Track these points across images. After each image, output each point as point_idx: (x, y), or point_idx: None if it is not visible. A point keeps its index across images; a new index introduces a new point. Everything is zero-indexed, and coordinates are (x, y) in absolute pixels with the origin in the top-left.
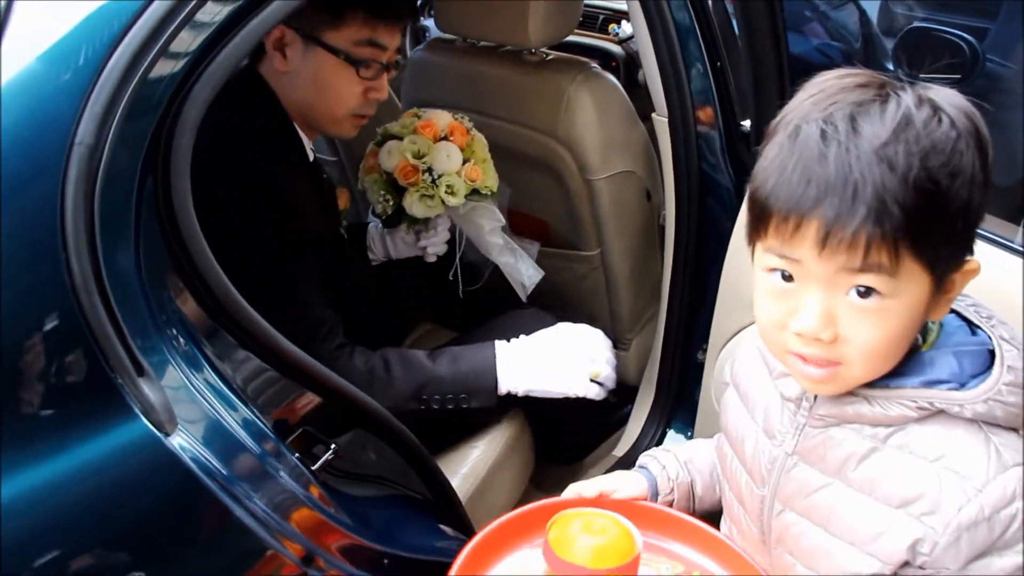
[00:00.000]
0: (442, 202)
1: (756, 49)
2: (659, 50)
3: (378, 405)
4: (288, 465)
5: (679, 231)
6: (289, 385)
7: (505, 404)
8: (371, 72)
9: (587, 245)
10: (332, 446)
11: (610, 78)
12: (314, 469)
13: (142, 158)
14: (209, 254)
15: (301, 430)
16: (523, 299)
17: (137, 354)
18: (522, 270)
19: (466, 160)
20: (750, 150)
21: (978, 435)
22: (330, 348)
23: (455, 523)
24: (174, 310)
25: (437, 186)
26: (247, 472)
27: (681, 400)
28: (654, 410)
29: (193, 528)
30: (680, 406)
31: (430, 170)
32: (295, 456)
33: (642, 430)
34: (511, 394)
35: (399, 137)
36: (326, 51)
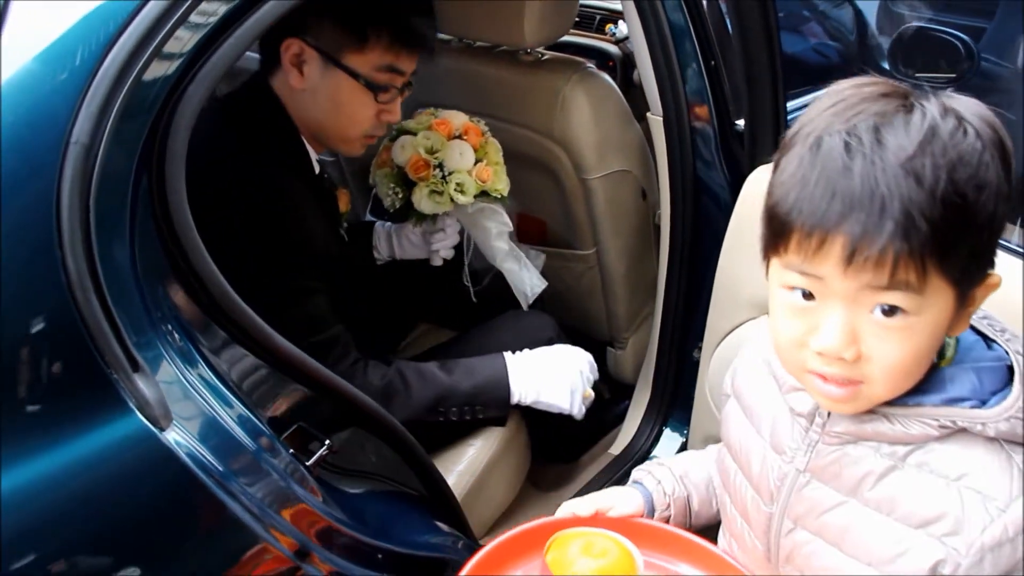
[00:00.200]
0: (451, 199)
1: (749, 49)
2: (653, 50)
3: (371, 401)
4: (282, 460)
5: (674, 230)
6: (283, 381)
7: None
8: (388, 96)
9: (583, 244)
10: (327, 442)
11: (605, 78)
12: (308, 464)
13: (137, 157)
14: (204, 252)
15: (296, 426)
16: (524, 308)
17: (132, 350)
18: (525, 279)
19: (478, 160)
20: (744, 149)
21: (1000, 453)
22: (346, 366)
23: (450, 520)
24: (169, 307)
25: (447, 183)
26: (241, 467)
27: (677, 398)
28: (650, 408)
29: (188, 522)
30: (676, 404)
31: (441, 166)
32: (289, 452)
33: (638, 428)
34: (519, 403)
35: (413, 133)
36: (346, 74)
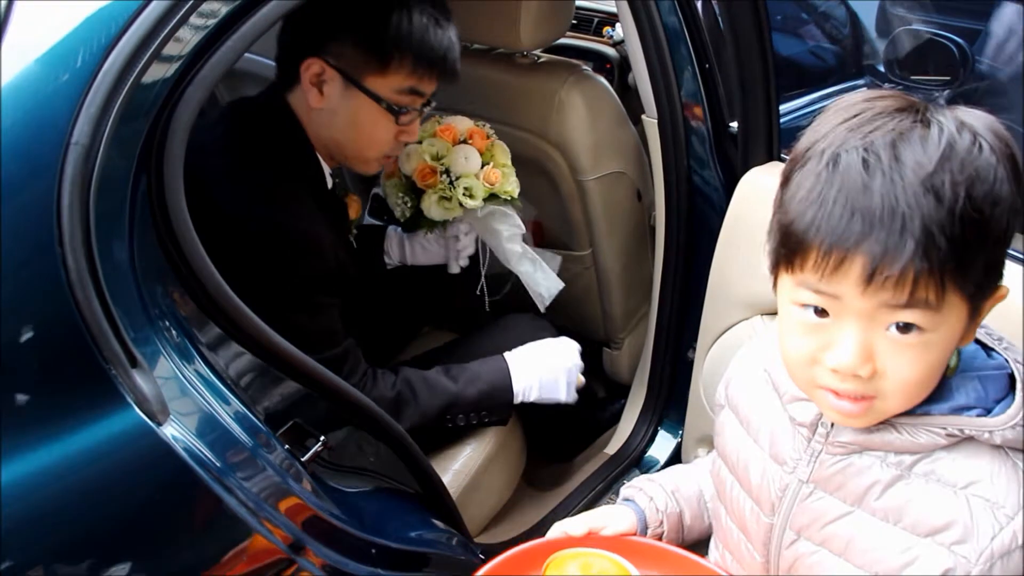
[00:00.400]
0: (460, 204)
1: (742, 52)
2: (648, 52)
3: (367, 399)
4: (278, 456)
5: (669, 231)
6: (279, 378)
7: None
8: (408, 118)
9: (579, 245)
10: (322, 438)
11: (601, 80)
12: (303, 460)
13: (136, 158)
14: (202, 251)
15: (291, 422)
16: (541, 310)
17: (130, 346)
18: (540, 280)
19: (485, 163)
20: (738, 150)
21: (1006, 461)
22: (356, 380)
23: (445, 517)
24: (167, 304)
25: (455, 188)
26: (237, 462)
27: (672, 398)
28: (645, 408)
29: (184, 515)
30: (671, 404)
31: (448, 171)
32: (285, 447)
33: (633, 428)
34: (521, 402)
35: (418, 141)
36: (367, 96)
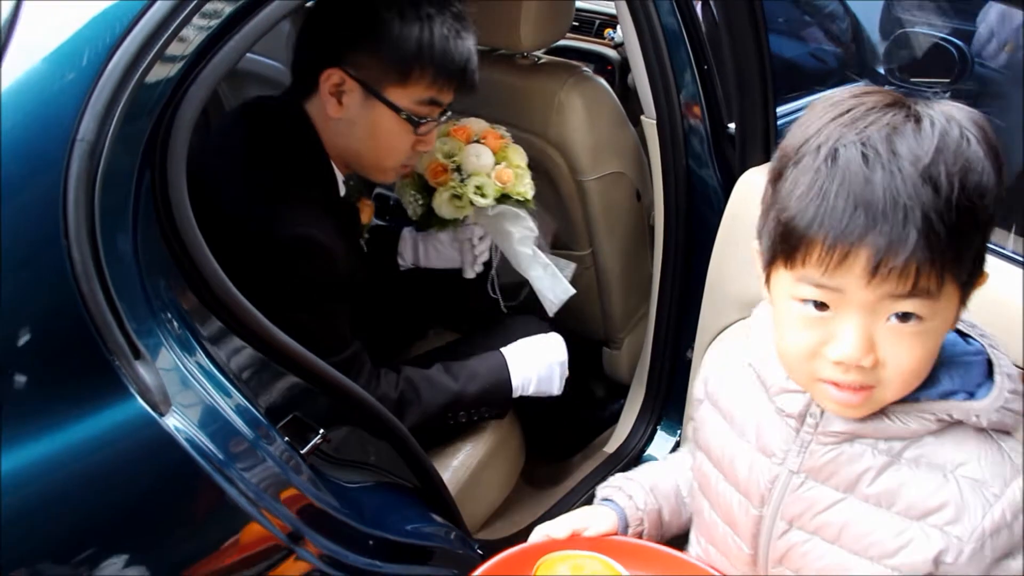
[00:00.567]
0: (470, 203)
1: (739, 54)
2: (647, 54)
3: (366, 394)
4: (278, 448)
5: (668, 231)
6: (280, 372)
7: None
8: (426, 128)
9: (579, 245)
10: (320, 431)
11: (600, 81)
12: (303, 452)
13: (140, 154)
14: (204, 247)
15: (291, 415)
16: (550, 314)
17: (133, 337)
18: (550, 286)
19: (499, 163)
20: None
21: (991, 442)
22: (361, 383)
23: (443, 512)
24: (169, 298)
25: (466, 185)
26: (238, 452)
27: (671, 398)
28: (644, 408)
29: (185, 504)
30: (670, 404)
31: (459, 169)
32: (284, 439)
33: (632, 427)
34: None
35: None
36: (387, 107)
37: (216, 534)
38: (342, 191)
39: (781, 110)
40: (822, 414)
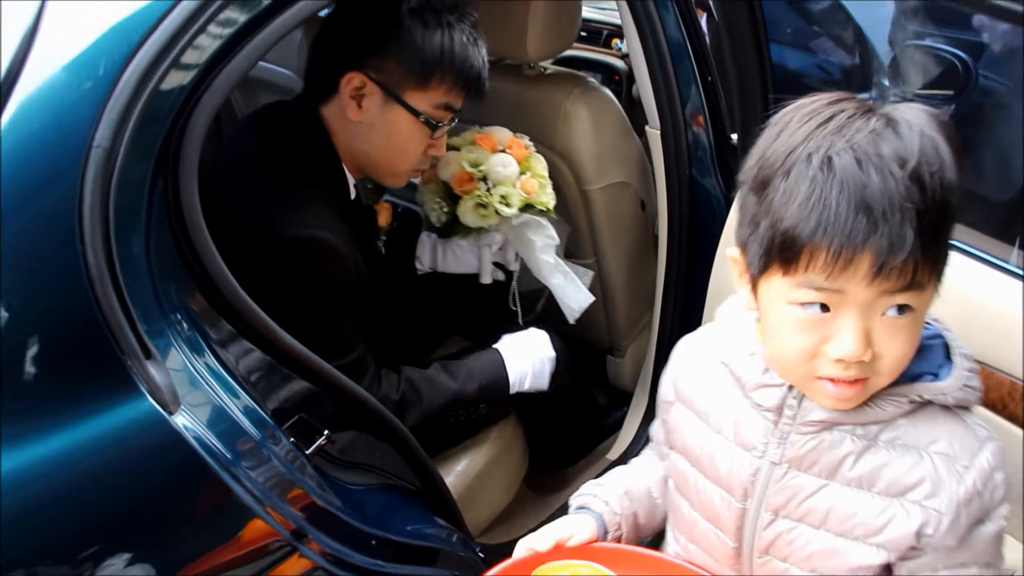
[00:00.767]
0: (496, 212)
1: (741, 66)
2: (652, 66)
3: (371, 397)
4: (283, 448)
5: (671, 240)
6: (286, 374)
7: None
8: (440, 132)
9: (583, 253)
10: (325, 432)
11: (605, 92)
12: (307, 453)
13: (154, 161)
14: (215, 251)
15: (297, 417)
16: (571, 322)
17: (145, 338)
18: (571, 293)
19: (522, 174)
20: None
21: (957, 419)
22: (365, 385)
23: (445, 515)
24: (180, 300)
25: (491, 195)
26: (245, 452)
27: None
28: (647, 415)
29: (193, 501)
30: None
31: (485, 179)
32: (290, 440)
33: (635, 434)
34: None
35: (457, 149)
36: (406, 110)
37: (222, 530)
38: (352, 194)
39: None
40: (800, 405)
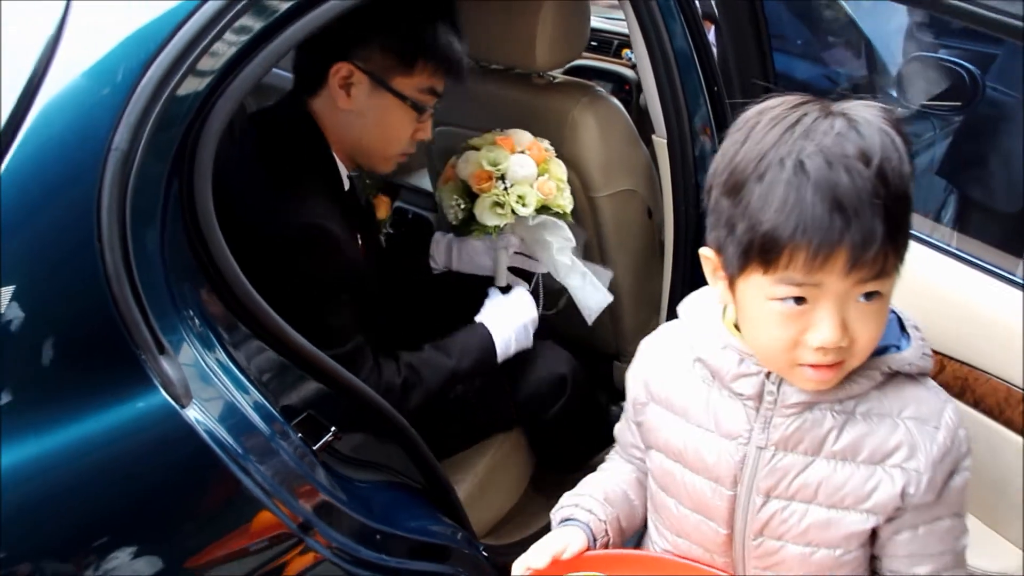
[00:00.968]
0: (512, 211)
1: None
2: (658, 75)
3: (380, 397)
4: (292, 444)
5: (677, 247)
6: (296, 372)
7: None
8: (425, 116)
9: (591, 260)
10: (332, 428)
11: (613, 101)
12: (315, 449)
13: (170, 164)
14: (227, 252)
15: (306, 413)
16: (589, 323)
17: (159, 333)
18: (590, 294)
19: (540, 175)
20: None
21: (919, 385)
22: (364, 375)
23: (450, 513)
24: (193, 298)
25: (508, 194)
26: (254, 446)
27: None
28: None
29: (203, 492)
30: None
31: (503, 177)
32: (298, 436)
33: None
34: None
35: (478, 149)
36: (393, 96)
37: (231, 521)
38: (346, 185)
39: None
40: (779, 390)
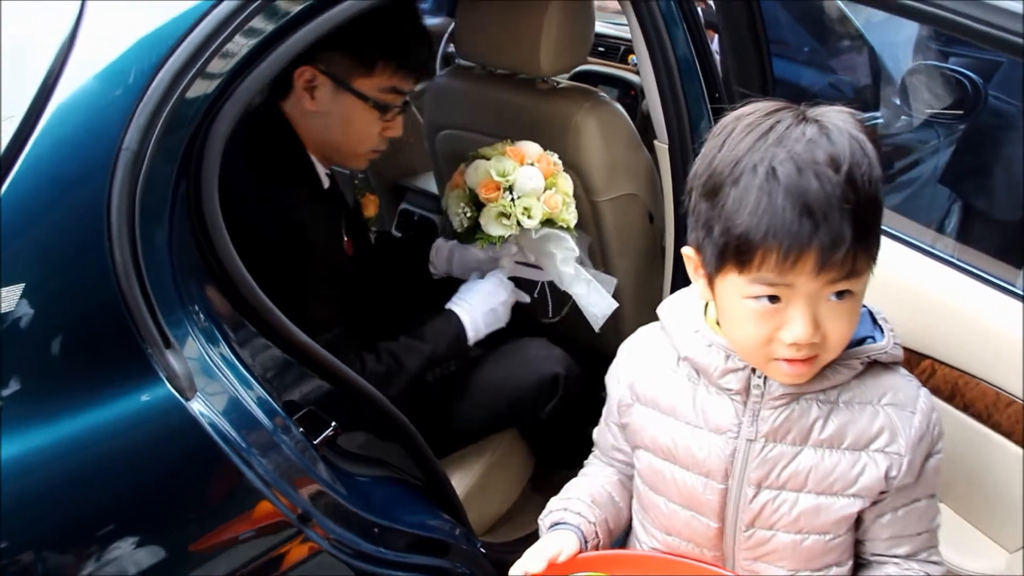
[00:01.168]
0: (518, 223)
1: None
2: (660, 81)
3: (378, 393)
4: (293, 438)
5: (678, 252)
6: (299, 369)
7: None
8: (391, 115)
9: (593, 263)
10: (332, 423)
11: (616, 106)
12: (315, 443)
13: (177, 164)
14: (233, 250)
15: (307, 409)
16: (596, 329)
17: (165, 328)
18: (595, 301)
19: (547, 189)
20: None
21: (893, 373)
22: (347, 365)
23: (448, 510)
24: (199, 295)
25: (515, 205)
26: (256, 439)
27: None
28: None
29: (205, 483)
30: None
31: (511, 188)
32: (300, 431)
33: None
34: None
35: (487, 158)
36: (355, 96)
37: (232, 511)
38: (325, 183)
39: None
40: (765, 383)
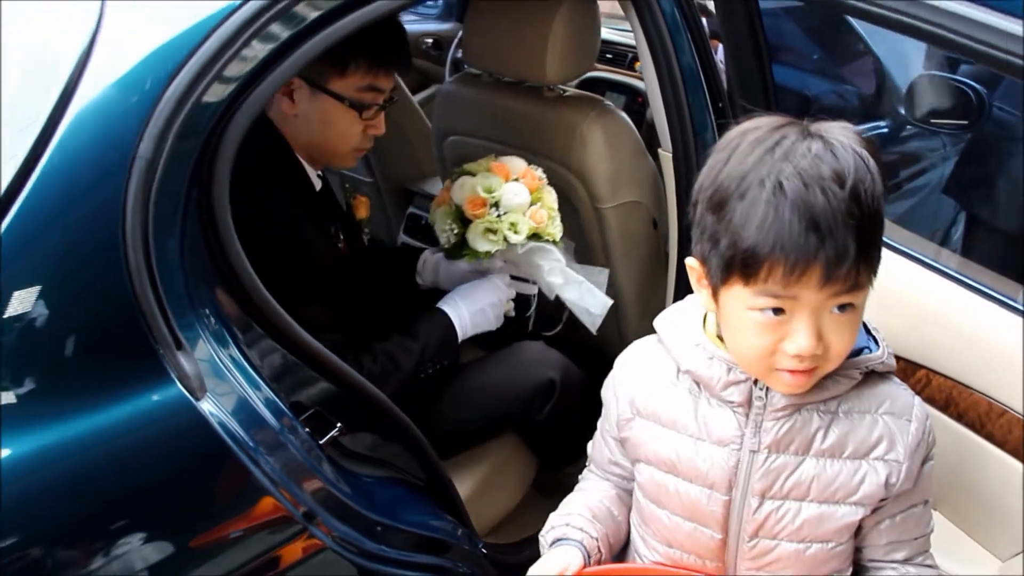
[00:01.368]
0: (504, 239)
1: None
2: (664, 89)
3: (383, 395)
4: (299, 438)
5: (681, 258)
6: (305, 371)
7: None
8: (371, 113)
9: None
10: (338, 424)
11: (621, 115)
12: (321, 443)
13: (190, 172)
14: (243, 256)
15: (313, 410)
16: (592, 331)
17: (176, 330)
18: (589, 302)
19: (533, 204)
20: None
21: (889, 382)
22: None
23: (451, 510)
24: (209, 299)
25: (501, 221)
26: (263, 438)
27: None
28: None
29: (214, 480)
30: None
31: (497, 204)
32: (306, 431)
33: None
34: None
35: (473, 174)
36: (331, 97)
37: (240, 508)
38: (317, 185)
39: None
40: (767, 395)
